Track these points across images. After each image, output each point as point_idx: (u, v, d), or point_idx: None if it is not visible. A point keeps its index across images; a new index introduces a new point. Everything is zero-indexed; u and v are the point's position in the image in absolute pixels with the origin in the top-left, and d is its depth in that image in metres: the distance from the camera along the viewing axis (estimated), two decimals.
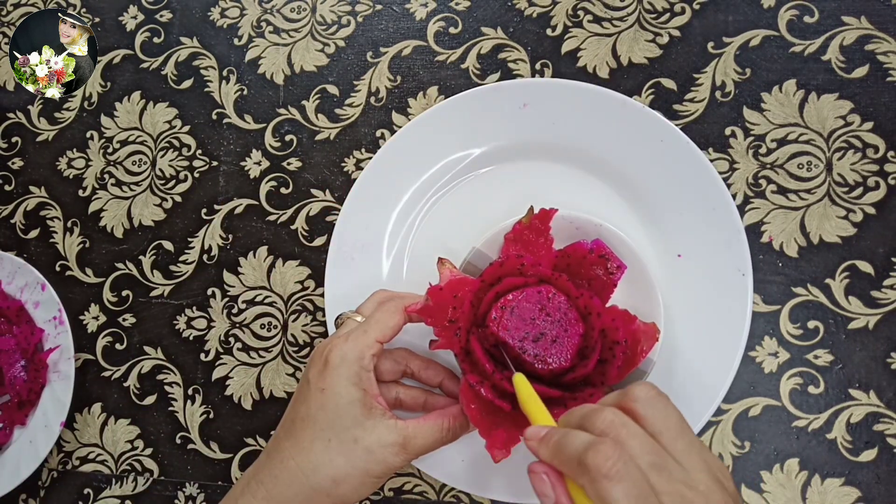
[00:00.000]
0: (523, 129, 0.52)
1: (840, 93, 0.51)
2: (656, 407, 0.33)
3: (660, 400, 0.33)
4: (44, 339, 0.58)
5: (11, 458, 0.57)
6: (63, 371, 0.57)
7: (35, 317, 0.59)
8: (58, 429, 0.55)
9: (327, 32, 0.60)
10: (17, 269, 0.59)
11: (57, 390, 0.57)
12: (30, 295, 0.59)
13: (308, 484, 0.41)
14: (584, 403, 0.42)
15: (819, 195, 0.50)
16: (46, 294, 0.58)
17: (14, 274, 0.59)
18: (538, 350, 0.43)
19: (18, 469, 0.56)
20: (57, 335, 0.58)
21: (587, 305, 0.43)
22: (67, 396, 0.56)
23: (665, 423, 0.32)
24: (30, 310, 0.59)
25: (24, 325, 0.58)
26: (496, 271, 0.45)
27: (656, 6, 0.55)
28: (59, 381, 0.57)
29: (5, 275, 0.60)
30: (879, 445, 0.47)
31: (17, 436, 0.57)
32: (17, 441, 0.57)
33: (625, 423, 0.32)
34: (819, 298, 0.49)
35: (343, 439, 0.41)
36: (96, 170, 0.62)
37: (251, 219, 0.58)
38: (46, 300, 0.58)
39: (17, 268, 0.59)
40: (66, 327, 0.57)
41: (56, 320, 0.58)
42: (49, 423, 0.56)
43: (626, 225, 0.49)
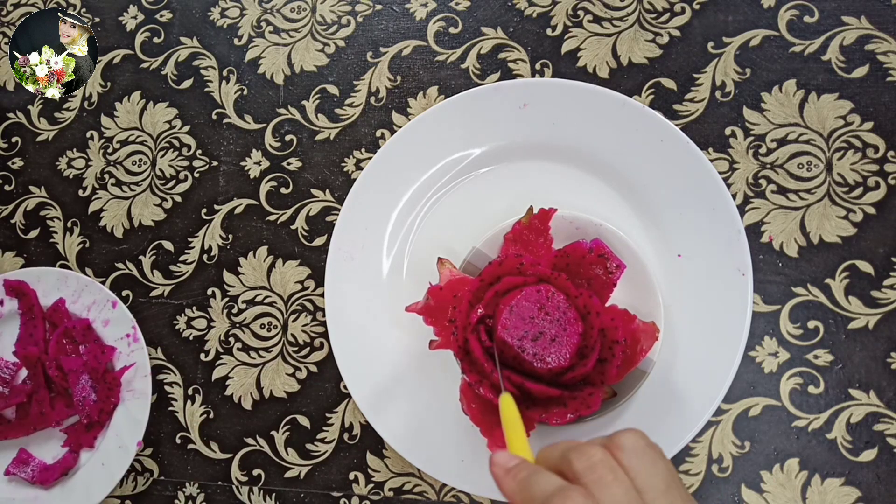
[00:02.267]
0: (523, 129, 0.52)
1: (840, 93, 0.51)
2: (643, 460, 0.29)
3: (648, 452, 0.30)
4: (115, 358, 0.56)
5: (81, 482, 0.54)
6: (138, 389, 0.55)
7: (104, 335, 0.56)
8: (134, 448, 0.53)
9: (327, 32, 0.60)
10: (84, 287, 0.57)
11: (132, 409, 0.54)
12: (98, 313, 0.57)
13: None
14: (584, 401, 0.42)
15: (819, 195, 0.50)
16: (118, 311, 0.56)
17: (80, 292, 0.57)
18: (537, 349, 0.43)
19: (90, 493, 0.54)
20: (130, 353, 0.55)
21: (586, 305, 0.43)
22: (144, 415, 0.54)
23: (650, 480, 0.29)
24: (98, 328, 0.56)
25: (92, 343, 0.56)
26: (495, 270, 0.45)
27: (656, 6, 0.55)
28: (133, 400, 0.54)
29: (70, 293, 0.58)
30: (879, 445, 0.47)
31: (85, 459, 0.55)
32: (86, 465, 0.55)
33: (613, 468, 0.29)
34: (819, 298, 0.49)
35: None
36: (96, 170, 0.62)
37: (251, 219, 0.58)
38: (118, 318, 0.56)
39: (83, 286, 0.57)
40: (141, 344, 0.55)
41: (130, 338, 0.56)
42: (123, 444, 0.54)
43: (626, 225, 0.49)
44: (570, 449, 0.30)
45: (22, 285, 0.57)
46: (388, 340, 0.51)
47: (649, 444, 0.30)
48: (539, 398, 0.43)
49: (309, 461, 0.54)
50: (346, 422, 0.54)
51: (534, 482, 0.29)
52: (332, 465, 0.53)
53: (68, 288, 0.57)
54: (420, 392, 0.50)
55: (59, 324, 0.57)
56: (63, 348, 0.56)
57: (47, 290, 0.58)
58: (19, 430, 0.56)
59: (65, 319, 0.57)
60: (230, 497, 0.54)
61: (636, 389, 0.45)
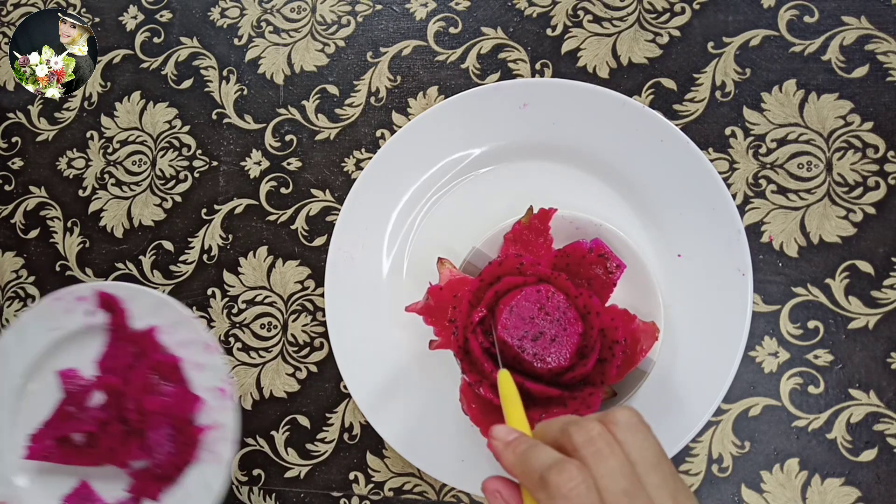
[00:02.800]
0: (523, 129, 0.52)
1: (840, 93, 0.51)
2: (636, 435, 0.31)
3: (641, 428, 0.32)
4: (200, 410, 0.50)
5: None
6: (219, 453, 0.49)
7: (193, 381, 0.50)
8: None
9: (327, 32, 0.60)
10: (181, 322, 0.51)
11: (207, 474, 0.49)
12: (191, 353, 0.51)
13: None
14: (584, 401, 0.42)
15: (819, 195, 0.50)
16: (214, 359, 0.50)
17: (176, 325, 0.51)
18: (537, 349, 0.43)
19: None
20: (219, 410, 0.49)
21: (586, 304, 0.43)
22: (219, 483, 0.48)
23: (642, 453, 0.30)
24: (188, 370, 0.51)
25: (178, 386, 0.50)
26: (495, 270, 0.45)
27: (656, 6, 0.55)
28: (211, 464, 0.49)
29: (166, 323, 0.51)
30: (879, 445, 0.47)
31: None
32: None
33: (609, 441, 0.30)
34: (819, 298, 0.49)
35: None
36: (96, 170, 0.62)
37: (251, 219, 0.58)
38: (212, 365, 0.50)
39: (181, 319, 0.51)
40: (233, 403, 0.49)
41: (221, 392, 0.50)
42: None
43: (626, 225, 0.49)
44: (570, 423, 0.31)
45: (114, 301, 0.52)
46: (388, 340, 0.51)
47: (641, 421, 0.32)
48: (539, 398, 0.43)
49: (309, 461, 0.54)
50: (346, 422, 0.54)
51: (532, 455, 0.31)
52: (332, 464, 0.53)
53: (164, 317, 0.51)
54: (420, 392, 0.50)
55: (147, 353, 0.51)
56: (147, 383, 0.50)
57: (141, 313, 0.52)
58: (85, 460, 0.51)
59: (155, 351, 0.51)
60: (230, 497, 0.54)
61: (636, 389, 0.45)
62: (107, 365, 0.53)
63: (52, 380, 0.53)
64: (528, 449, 0.31)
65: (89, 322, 0.53)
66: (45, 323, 0.53)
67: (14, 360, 0.53)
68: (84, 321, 0.53)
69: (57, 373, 0.53)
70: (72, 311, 0.53)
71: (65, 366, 0.53)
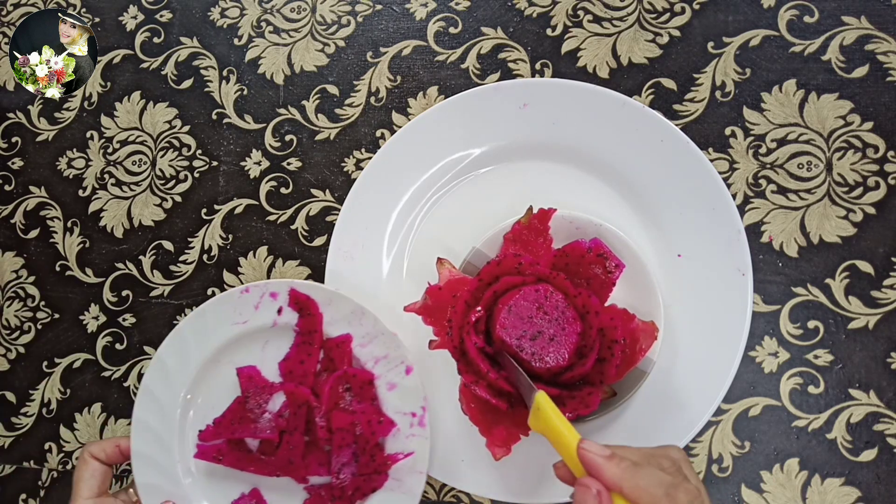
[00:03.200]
0: (523, 129, 0.52)
1: (840, 93, 0.51)
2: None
3: None
4: (392, 435, 0.46)
5: None
6: (407, 484, 0.45)
7: (385, 401, 0.47)
8: None
9: (327, 32, 0.60)
10: (380, 335, 0.48)
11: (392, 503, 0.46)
12: (386, 371, 0.47)
13: None
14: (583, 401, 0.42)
15: (819, 195, 0.50)
16: (411, 380, 0.47)
17: (372, 338, 0.48)
18: (535, 348, 0.43)
19: None
20: (410, 436, 0.46)
21: (585, 304, 0.43)
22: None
23: None
24: (381, 389, 0.47)
25: (368, 404, 0.47)
26: (493, 270, 0.45)
27: (656, 6, 0.55)
28: (397, 494, 0.46)
29: (361, 334, 0.48)
30: (879, 445, 0.47)
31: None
32: None
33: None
34: (819, 298, 0.49)
35: None
36: (96, 170, 0.62)
37: (251, 219, 0.58)
38: (408, 387, 0.47)
39: (379, 333, 0.48)
40: (427, 433, 0.46)
41: (415, 418, 0.46)
42: None
43: (626, 225, 0.49)
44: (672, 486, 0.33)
45: (310, 304, 0.49)
46: None
47: None
48: None
49: None
50: None
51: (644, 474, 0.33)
52: None
53: (361, 327, 0.48)
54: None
55: (338, 364, 0.48)
56: (339, 397, 0.47)
57: (335, 319, 0.49)
58: (261, 468, 0.48)
59: (346, 362, 0.48)
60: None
61: (636, 389, 0.45)
62: (290, 369, 0.49)
63: (231, 375, 0.50)
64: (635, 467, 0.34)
65: (278, 320, 0.49)
66: (229, 315, 0.49)
67: (192, 350, 0.49)
68: (273, 319, 0.49)
69: (237, 370, 0.50)
70: (261, 307, 0.49)
71: (244, 362, 0.50)
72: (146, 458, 0.48)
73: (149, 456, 0.48)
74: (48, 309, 0.61)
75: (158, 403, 0.49)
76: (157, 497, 0.48)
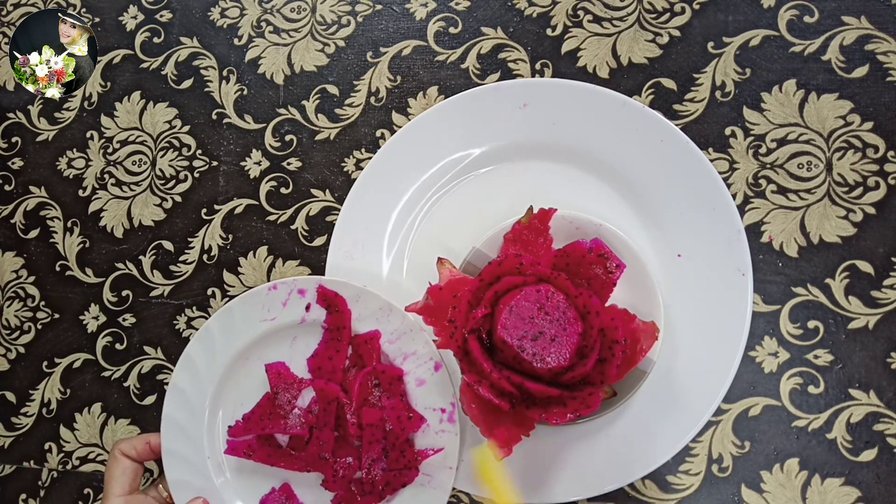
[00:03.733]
0: (523, 129, 0.52)
1: (840, 93, 0.51)
2: None
3: None
4: (422, 431, 0.47)
5: None
6: (437, 480, 0.46)
7: (414, 397, 0.47)
8: None
9: (327, 32, 0.60)
10: (408, 331, 0.48)
11: (422, 499, 0.46)
12: (415, 367, 0.48)
13: None
14: (584, 401, 0.42)
15: (819, 195, 0.50)
16: (440, 376, 0.47)
17: (401, 334, 0.48)
18: (537, 349, 0.43)
19: None
20: (440, 432, 0.47)
21: (586, 304, 0.43)
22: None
23: None
24: (410, 385, 0.47)
25: (397, 400, 0.47)
26: (494, 270, 0.45)
27: (656, 6, 0.55)
28: (427, 490, 0.46)
29: (390, 330, 0.48)
30: (879, 445, 0.47)
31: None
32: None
33: None
34: (819, 298, 0.49)
35: None
36: (96, 170, 0.62)
37: (251, 219, 0.58)
38: (437, 383, 0.47)
39: (407, 329, 0.48)
40: (457, 428, 0.46)
41: (445, 413, 0.47)
42: None
43: (626, 225, 0.49)
44: None
45: (339, 301, 0.49)
46: None
47: None
48: (539, 398, 0.43)
49: None
50: None
51: None
52: None
53: (389, 323, 0.48)
54: None
55: (367, 360, 0.48)
56: (369, 392, 0.48)
57: (363, 316, 0.49)
58: (291, 464, 0.49)
59: (374, 358, 0.48)
60: None
61: (636, 389, 0.45)
62: (318, 365, 0.49)
63: (259, 371, 0.50)
64: None
65: (306, 317, 0.49)
66: (258, 312, 0.50)
67: (220, 347, 0.50)
68: (301, 315, 0.50)
69: (266, 366, 0.50)
70: (289, 304, 0.50)
71: (273, 359, 0.50)
72: (176, 455, 0.49)
73: (179, 453, 0.49)
74: (48, 309, 0.61)
75: (187, 400, 0.49)
76: (188, 493, 0.49)
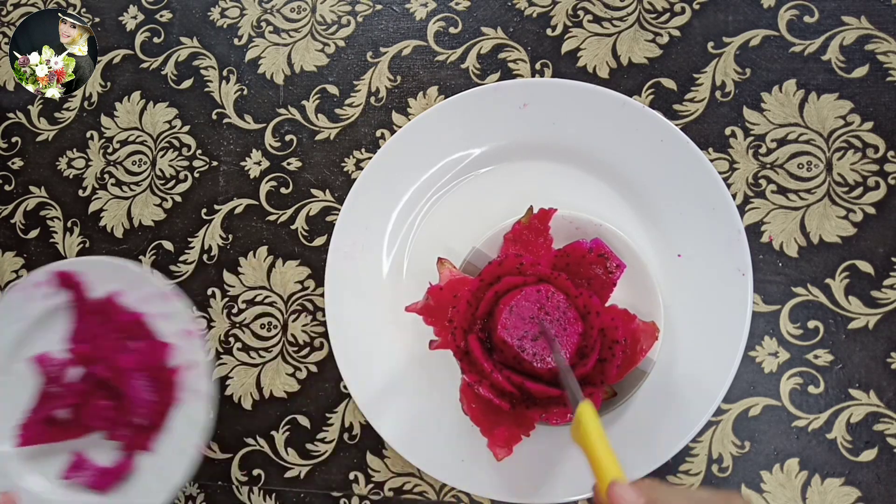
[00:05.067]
0: (523, 129, 0.52)
1: (840, 93, 0.51)
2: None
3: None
4: (172, 355, 0.52)
5: (139, 487, 0.51)
6: (198, 389, 0.51)
7: (161, 330, 0.52)
8: (195, 453, 0.50)
9: (327, 32, 0.60)
10: (138, 280, 0.52)
11: (190, 411, 0.51)
12: (153, 306, 0.52)
13: None
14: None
15: (819, 195, 0.50)
16: (174, 305, 0.52)
17: (134, 284, 0.53)
18: (537, 349, 0.43)
19: (149, 499, 0.51)
20: (188, 349, 0.52)
21: (586, 304, 0.43)
22: (203, 417, 0.50)
23: None
24: (154, 322, 0.52)
25: (146, 339, 0.52)
26: (495, 270, 0.45)
27: (656, 6, 0.55)
28: (192, 402, 0.51)
29: (125, 285, 0.53)
30: (879, 445, 0.47)
31: (142, 463, 0.52)
32: (144, 469, 0.51)
33: None
34: (819, 298, 0.49)
35: None
36: (96, 170, 0.62)
37: (251, 219, 0.58)
38: (175, 312, 0.52)
39: (137, 277, 0.52)
40: (201, 343, 0.51)
41: (187, 333, 0.52)
42: (183, 447, 0.50)
43: (626, 225, 0.49)
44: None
45: (70, 278, 0.53)
46: (389, 340, 0.51)
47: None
48: (539, 398, 0.43)
49: (309, 461, 0.54)
50: (346, 422, 0.54)
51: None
52: (332, 464, 0.53)
53: (122, 280, 0.53)
54: (420, 392, 0.50)
55: (112, 317, 0.53)
56: (117, 344, 0.52)
57: (100, 282, 0.53)
58: (73, 433, 0.52)
59: (119, 313, 0.53)
60: (230, 497, 0.54)
61: (636, 389, 0.45)
62: (77, 340, 0.54)
63: (29, 368, 0.54)
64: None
65: (51, 304, 0.54)
66: (10, 315, 0.54)
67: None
68: (45, 304, 0.54)
69: (31, 359, 0.54)
70: (32, 298, 0.54)
71: (37, 352, 0.54)
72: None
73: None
74: None
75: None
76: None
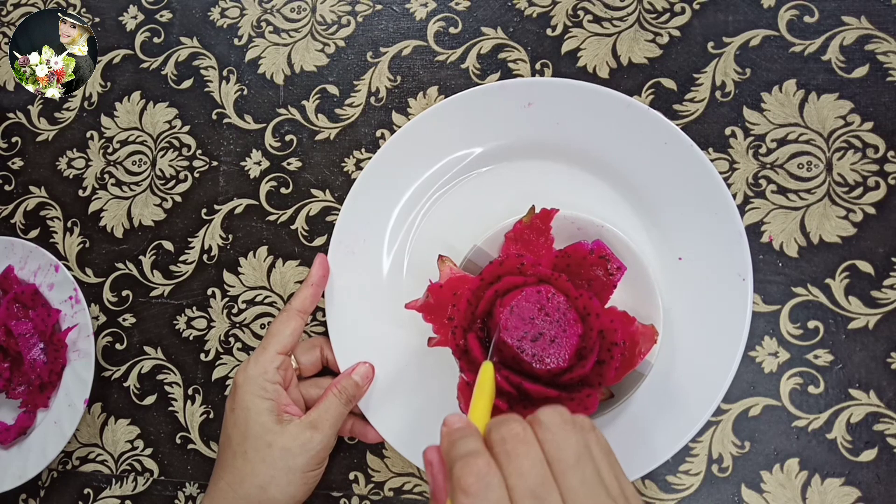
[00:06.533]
0: (526, 129, 0.52)
1: (840, 93, 0.51)
2: (558, 434, 0.31)
3: (564, 427, 0.31)
4: (61, 320, 0.58)
5: (38, 440, 0.57)
6: (83, 349, 0.57)
7: (50, 299, 0.59)
8: (82, 407, 0.55)
9: (327, 32, 0.60)
10: (30, 254, 0.59)
11: (78, 369, 0.57)
12: (44, 278, 0.59)
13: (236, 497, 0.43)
14: (581, 402, 0.42)
15: (819, 195, 0.50)
16: (61, 275, 0.58)
17: (27, 258, 0.59)
18: (536, 350, 0.43)
19: (45, 451, 0.56)
20: (74, 314, 0.58)
21: (586, 306, 0.43)
22: (89, 374, 0.56)
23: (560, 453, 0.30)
24: (44, 292, 0.59)
25: (39, 308, 0.58)
26: (495, 270, 0.45)
27: (656, 6, 0.55)
28: (79, 360, 0.57)
29: (17, 260, 0.60)
30: (879, 445, 0.47)
31: (41, 418, 0.58)
32: (41, 423, 0.57)
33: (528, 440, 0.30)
34: (819, 298, 0.49)
35: (258, 447, 0.44)
36: (96, 170, 0.62)
37: (251, 219, 0.58)
38: (61, 281, 0.58)
39: (28, 252, 0.59)
40: (83, 306, 0.57)
41: (72, 300, 0.58)
42: (73, 402, 0.56)
43: (628, 226, 0.49)
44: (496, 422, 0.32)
45: None
46: (388, 339, 0.51)
47: (566, 420, 0.32)
48: (537, 399, 0.43)
49: None
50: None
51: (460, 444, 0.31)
52: (331, 465, 0.53)
53: (15, 255, 0.60)
54: (420, 390, 0.50)
55: (8, 290, 0.59)
56: (14, 314, 0.58)
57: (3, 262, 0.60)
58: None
59: (14, 286, 0.59)
60: None
61: (633, 391, 0.45)
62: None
63: None
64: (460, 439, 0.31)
65: None
66: None
67: None
68: None
69: None
70: None
71: None
72: None
73: None
74: None
75: None
76: None
